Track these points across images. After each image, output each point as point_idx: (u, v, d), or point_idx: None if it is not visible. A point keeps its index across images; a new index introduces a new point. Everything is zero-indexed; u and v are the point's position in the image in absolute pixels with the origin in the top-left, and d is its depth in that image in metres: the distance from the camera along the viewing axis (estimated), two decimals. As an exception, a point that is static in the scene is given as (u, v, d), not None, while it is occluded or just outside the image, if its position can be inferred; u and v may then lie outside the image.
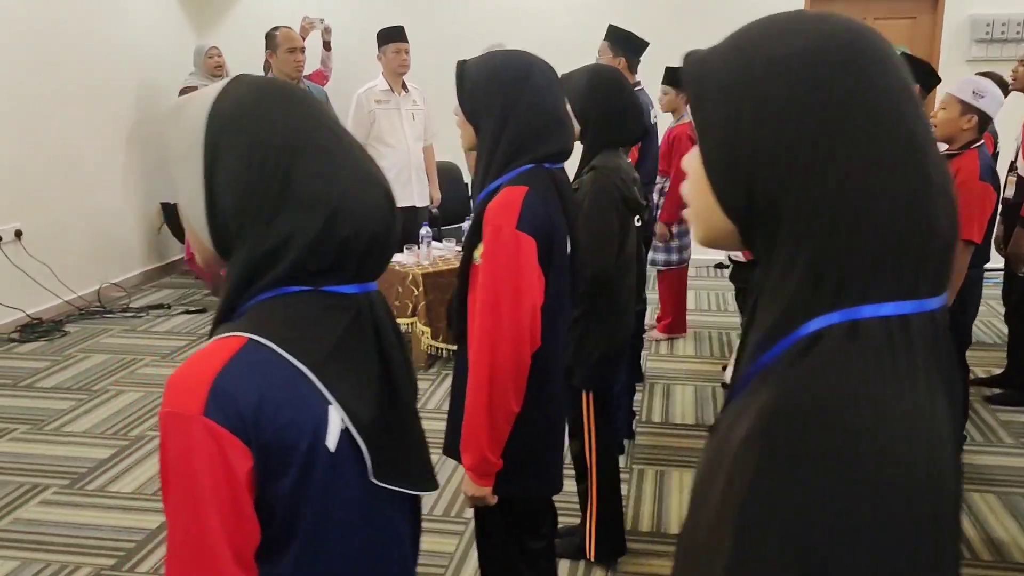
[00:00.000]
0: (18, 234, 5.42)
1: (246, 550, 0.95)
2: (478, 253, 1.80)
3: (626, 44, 4.16)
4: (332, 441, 0.99)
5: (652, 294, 5.07)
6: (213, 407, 0.91)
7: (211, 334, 1.01)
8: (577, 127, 2.45)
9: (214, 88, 1.03)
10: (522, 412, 1.80)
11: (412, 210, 5.24)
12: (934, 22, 6.52)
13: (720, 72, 0.73)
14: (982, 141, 3.17)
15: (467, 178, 5.83)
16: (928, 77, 3.55)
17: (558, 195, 1.85)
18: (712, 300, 6.08)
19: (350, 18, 6.71)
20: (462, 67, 1.87)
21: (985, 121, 3.12)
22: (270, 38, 4.55)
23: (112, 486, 3.43)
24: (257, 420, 0.93)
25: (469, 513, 3.00)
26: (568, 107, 1.92)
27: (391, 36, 5.02)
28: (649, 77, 4.47)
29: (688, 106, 0.81)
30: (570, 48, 6.72)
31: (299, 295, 1.00)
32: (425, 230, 4.80)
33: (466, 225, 4.89)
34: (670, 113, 4.70)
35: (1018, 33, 6.22)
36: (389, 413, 1.06)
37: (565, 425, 2.16)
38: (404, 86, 5.18)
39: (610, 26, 4.22)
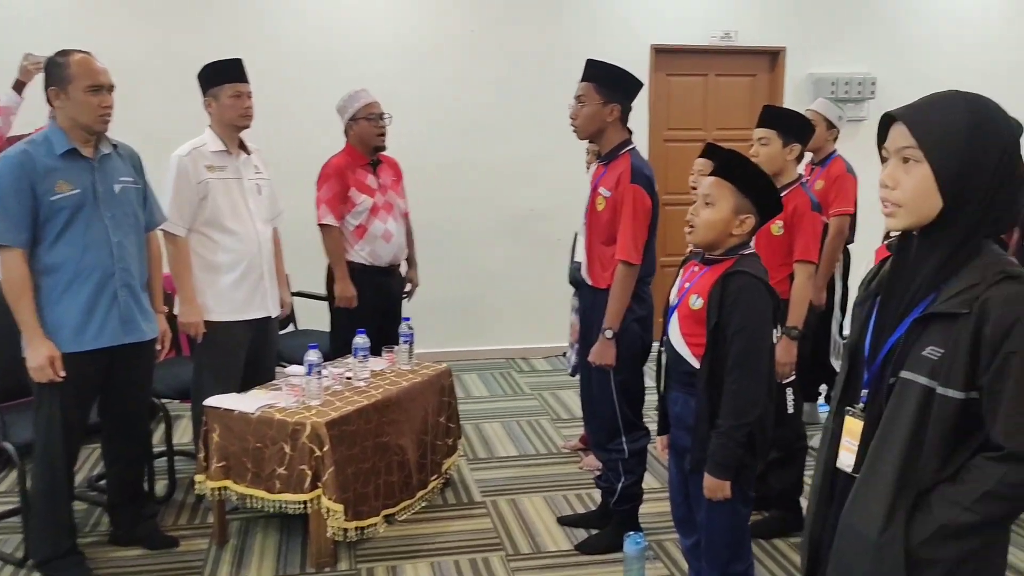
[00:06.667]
0: None
1: None
2: None
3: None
4: None
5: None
6: None
7: None
8: (937, 201, 1.39)
9: None
10: None
11: (267, 322, 3.62)
12: (773, 80, 6.21)
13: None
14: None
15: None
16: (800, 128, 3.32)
17: None
18: None
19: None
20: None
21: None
22: (57, 67, 2.75)
23: None
24: None
25: None
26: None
27: (226, 74, 3.41)
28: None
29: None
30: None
31: None
32: (315, 355, 3.21)
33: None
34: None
35: (859, 93, 6.08)
36: None
37: None
38: (243, 144, 3.58)
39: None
